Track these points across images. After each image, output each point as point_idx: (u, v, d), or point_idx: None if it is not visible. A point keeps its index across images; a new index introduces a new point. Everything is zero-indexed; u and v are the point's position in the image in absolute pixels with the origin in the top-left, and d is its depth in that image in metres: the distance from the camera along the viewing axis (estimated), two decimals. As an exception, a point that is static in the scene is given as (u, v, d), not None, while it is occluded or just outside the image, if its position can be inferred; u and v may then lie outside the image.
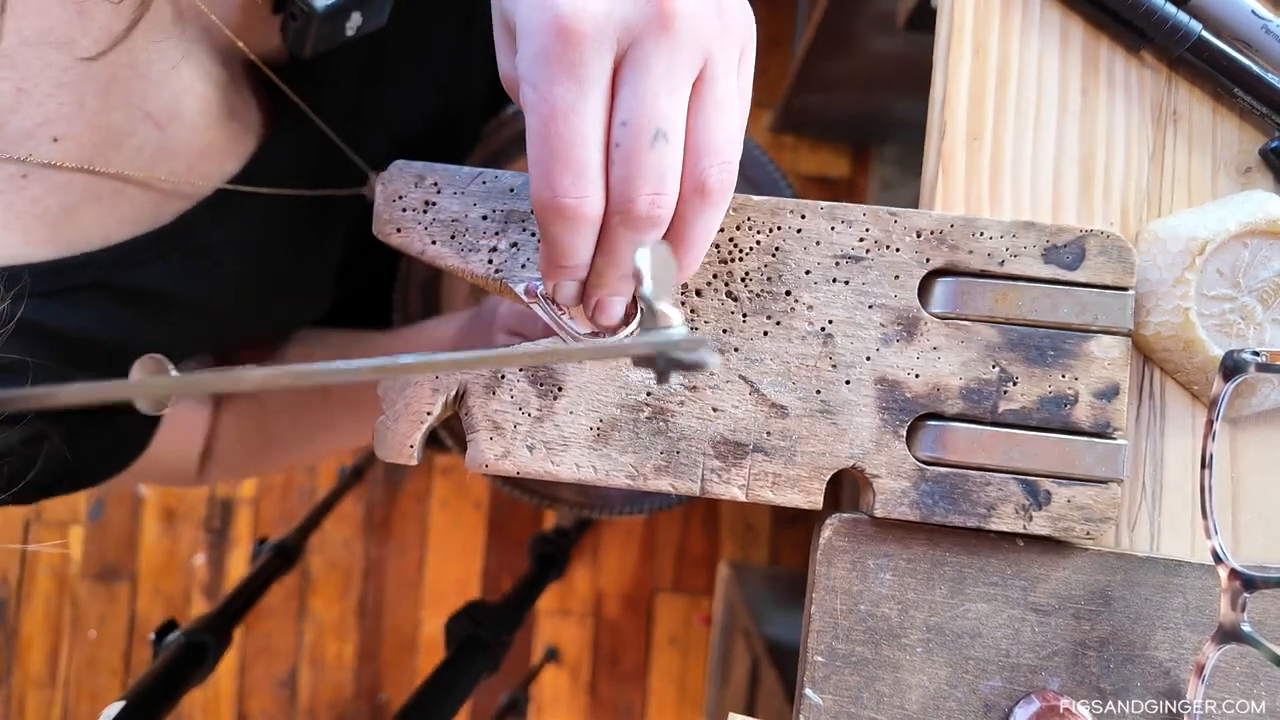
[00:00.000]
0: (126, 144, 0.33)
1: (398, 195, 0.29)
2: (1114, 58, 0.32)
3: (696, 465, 0.28)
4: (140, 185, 0.35)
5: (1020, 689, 0.28)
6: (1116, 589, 0.28)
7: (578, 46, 0.22)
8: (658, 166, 0.23)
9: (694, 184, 0.24)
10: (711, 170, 0.24)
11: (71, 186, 0.32)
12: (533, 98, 0.23)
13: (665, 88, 0.23)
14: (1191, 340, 0.29)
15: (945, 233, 0.29)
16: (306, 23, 0.33)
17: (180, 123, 0.35)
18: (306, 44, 0.34)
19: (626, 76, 0.23)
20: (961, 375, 0.28)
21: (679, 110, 0.23)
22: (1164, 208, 0.31)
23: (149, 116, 0.34)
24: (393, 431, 0.28)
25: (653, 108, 0.23)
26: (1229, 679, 0.28)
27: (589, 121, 0.23)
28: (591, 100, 0.23)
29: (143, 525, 1.28)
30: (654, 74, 0.23)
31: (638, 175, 0.23)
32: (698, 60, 0.24)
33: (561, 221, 0.24)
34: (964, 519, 0.28)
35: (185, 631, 0.58)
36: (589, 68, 0.23)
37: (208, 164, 0.37)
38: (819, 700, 0.28)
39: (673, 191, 0.24)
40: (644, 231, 0.24)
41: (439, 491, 1.27)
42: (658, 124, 0.23)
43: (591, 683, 1.23)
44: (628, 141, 0.23)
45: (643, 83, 0.23)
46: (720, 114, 0.24)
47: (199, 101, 0.36)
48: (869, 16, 0.82)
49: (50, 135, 0.31)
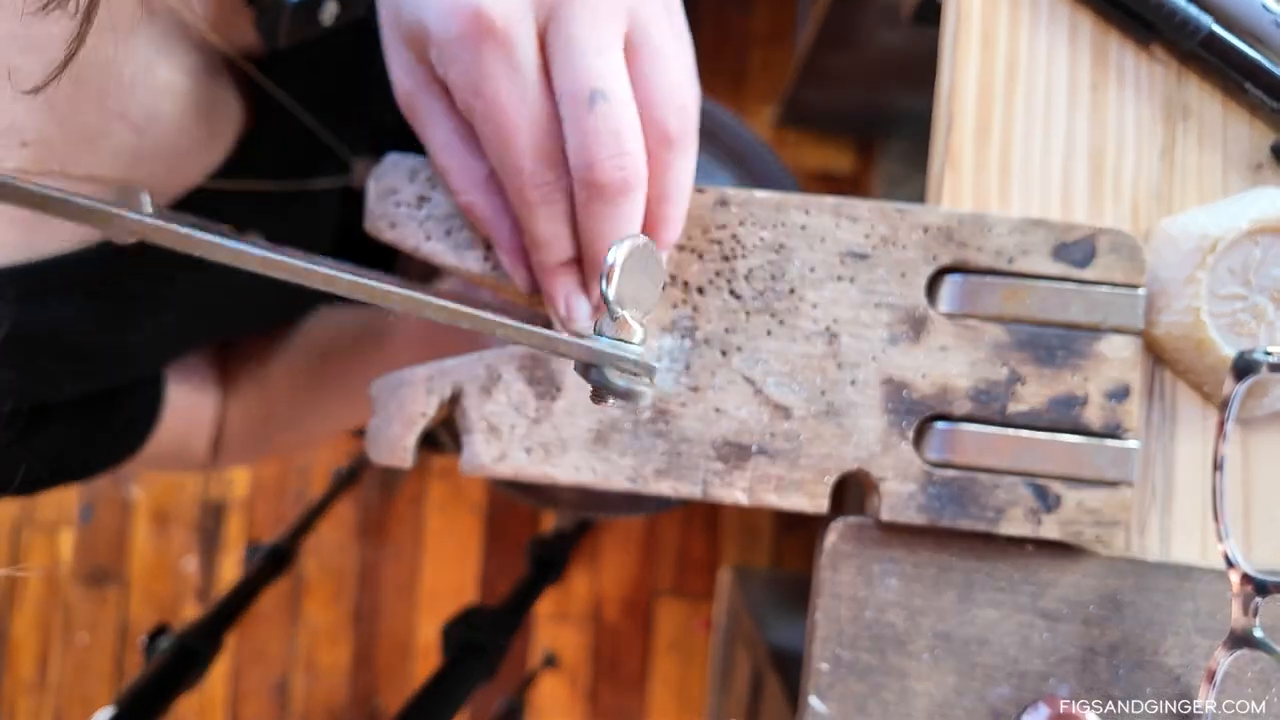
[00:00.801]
0: (102, 145, 0.33)
1: (391, 190, 0.29)
2: (1124, 52, 0.31)
3: (698, 468, 0.28)
4: None
5: (1029, 696, 0.27)
6: (1127, 594, 0.28)
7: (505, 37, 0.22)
8: (607, 127, 0.23)
9: (656, 134, 0.24)
10: (670, 117, 0.24)
11: None
12: (472, 102, 0.23)
13: (592, 48, 0.23)
14: (1202, 340, 0.29)
15: (953, 229, 0.28)
16: (277, 14, 0.33)
17: (157, 122, 0.34)
18: (279, 35, 0.34)
19: (552, 49, 0.23)
20: (970, 375, 0.28)
21: (613, 68, 0.23)
22: (1174, 205, 0.31)
23: (123, 117, 0.33)
24: (386, 434, 0.28)
25: (583, 71, 0.22)
26: (1241, 685, 0.27)
27: (533, 107, 0.23)
28: (529, 86, 0.23)
29: (134, 528, 1.27)
30: (577, 38, 0.22)
31: (590, 141, 0.23)
32: (620, 15, 0.23)
33: (541, 211, 0.24)
34: (972, 523, 0.27)
35: (177, 636, 0.57)
36: (521, 54, 0.22)
37: (188, 161, 0.37)
38: (824, 709, 0.27)
39: (634, 151, 0.23)
40: (615, 201, 0.23)
41: (435, 495, 1.26)
42: (592, 85, 0.22)
43: (590, 689, 1.22)
44: (569, 110, 0.23)
45: (569, 50, 0.23)
46: (660, 60, 0.24)
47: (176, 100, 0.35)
48: (873, 10, 0.82)
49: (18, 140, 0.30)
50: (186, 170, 0.37)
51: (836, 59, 0.93)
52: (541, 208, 0.24)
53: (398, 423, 0.28)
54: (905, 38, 0.84)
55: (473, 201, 0.26)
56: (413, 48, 0.25)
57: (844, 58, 0.93)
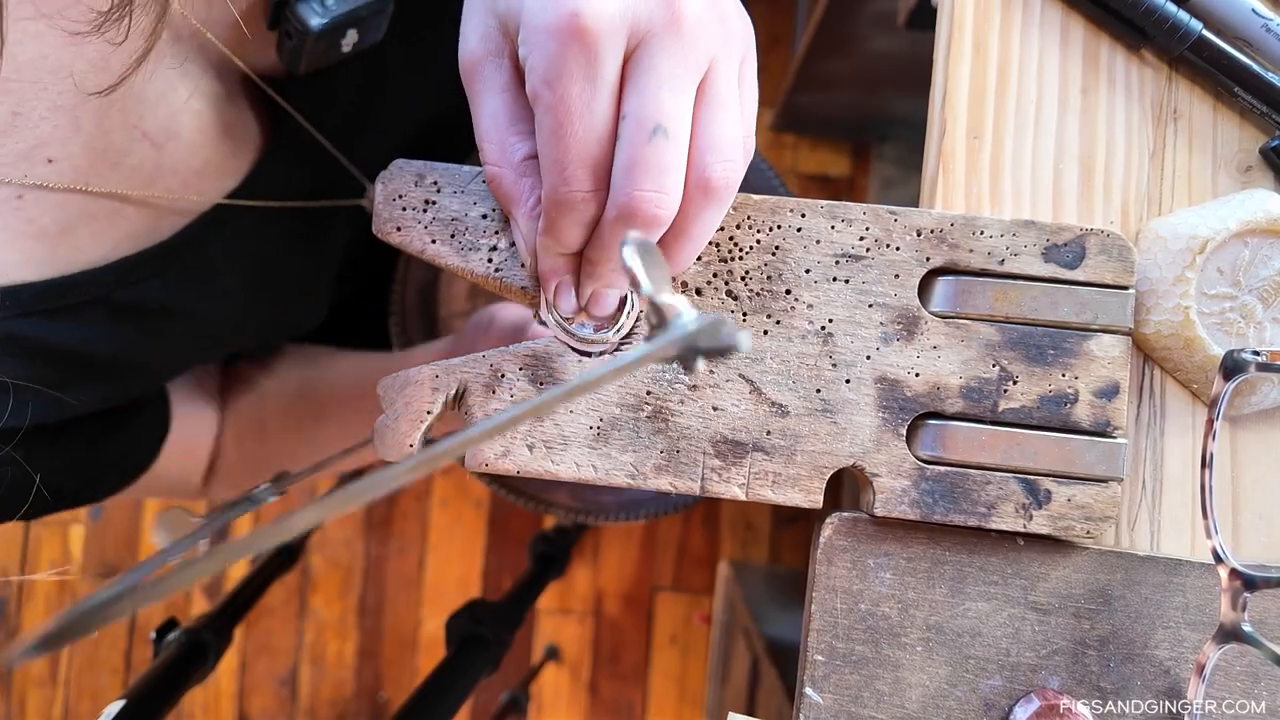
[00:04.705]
0: (123, 163, 0.33)
1: (398, 194, 0.29)
2: (1114, 56, 0.32)
3: (696, 464, 0.28)
4: (138, 203, 0.35)
5: (1020, 688, 0.28)
6: (1116, 588, 0.28)
7: (594, 47, 0.23)
8: (657, 161, 0.23)
9: (698, 180, 0.24)
10: (715, 166, 0.24)
11: (67, 206, 0.32)
12: (542, 91, 0.23)
13: (670, 86, 0.23)
14: (1192, 339, 0.29)
15: (945, 231, 0.29)
16: (301, 42, 0.33)
17: (177, 141, 0.35)
18: (302, 62, 0.34)
19: (633, 74, 0.24)
20: (962, 374, 0.28)
21: (683, 109, 0.24)
22: (1164, 206, 0.31)
23: (145, 136, 0.33)
24: (393, 430, 0.28)
25: (655, 104, 0.23)
26: (1229, 678, 0.28)
27: (596, 119, 0.24)
28: (600, 99, 0.23)
29: (143, 525, 1.28)
30: (660, 72, 0.23)
31: (636, 169, 0.23)
32: (703, 63, 0.24)
33: (572, 214, 0.25)
34: (964, 518, 0.28)
35: (186, 630, 0.58)
36: (604, 67, 0.23)
37: (206, 180, 0.37)
38: (819, 699, 0.28)
39: (673, 191, 0.24)
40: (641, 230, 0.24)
41: (439, 490, 1.27)
42: (659, 120, 0.23)
43: (592, 682, 1.23)
44: (627, 135, 0.23)
45: (649, 80, 0.23)
46: (724, 112, 0.25)
47: (196, 119, 0.35)
48: (869, 15, 0.82)
49: (45, 157, 0.31)
50: (204, 189, 0.37)
51: (832, 64, 0.94)
52: (569, 209, 0.25)
53: (404, 420, 0.28)
54: (900, 43, 0.85)
55: (502, 175, 0.26)
56: (499, 18, 0.25)
57: (840, 63, 0.93)
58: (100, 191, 0.33)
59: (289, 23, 0.33)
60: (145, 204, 0.35)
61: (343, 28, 0.34)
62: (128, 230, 0.35)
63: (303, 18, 0.32)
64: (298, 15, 0.32)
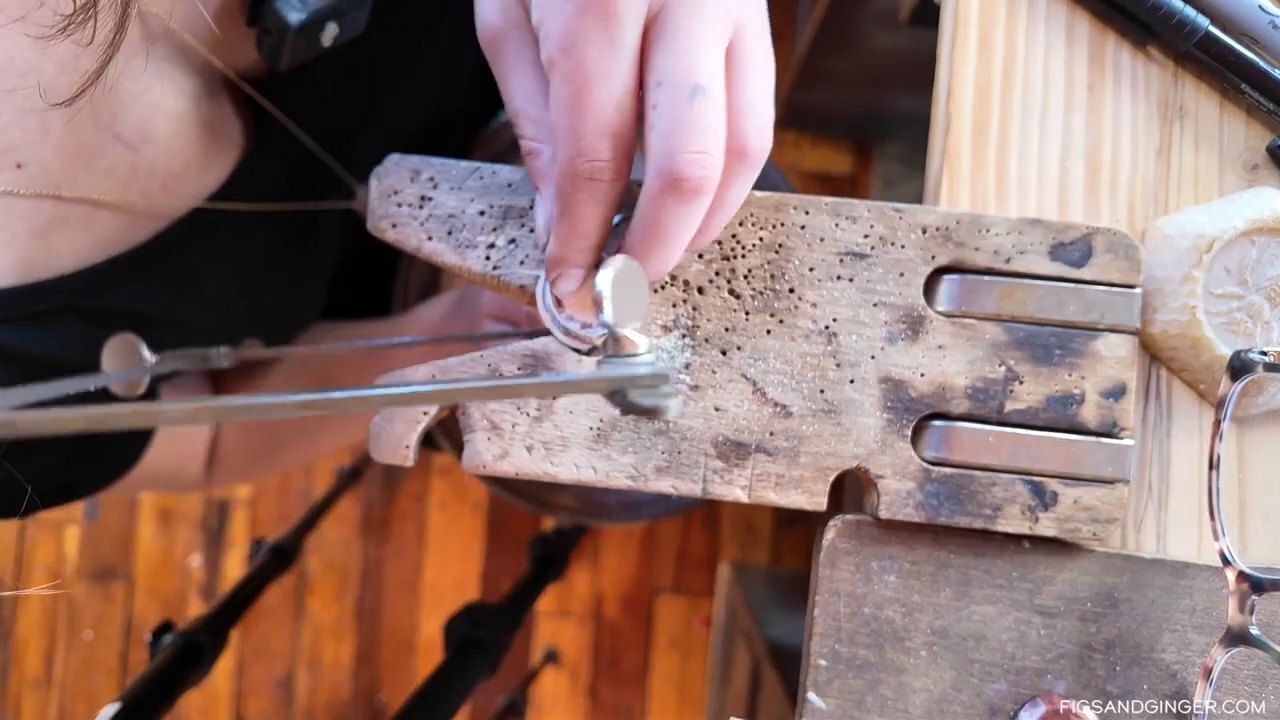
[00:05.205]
0: (96, 166, 0.32)
1: (393, 190, 0.29)
2: (1120, 53, 0.32)
3: (698, 465, 0.28)
4: (112, 207, 0.34)
5: (1026, 692, 0.28)
6: (1123, 591, 0.28)
7: (614, 9, 0.22)
8: (700, 122, 0.22)
9: (736, 145, 0.23)
10: (751, 132, 0.23)
11: (38, 212, 0.32)
12: (557, 58, 0.22)
13: (702, 42, 0.22)
14: (1198, 339, 0.29)
15: (951, 229, 0.28)
16: (281, 37, 0.33)
17: (154, 143, 0.34)
18: (282, 58, 0.34)
19: (659, 38, 0.23)
20: (967, 374, 0.28)
21: (717, 67, 0.23)
22: (1171, 205, 0.31)
23: (119, 138, 0.33)
24: (388, 432, 0.28)
25: (690, 64, 0.22)
26: (1236, 682, 0.27)
27: (616, 86, 0.22)
28: (620, 63, 0.22)
29: (139, 525, 1.28)
30: (689, 32, 0.22)
31: (681, 132, 0.22)
32: (729, 22, 0.23)
33: (592, 190, 0.23)
34: (970, 520, 0.28)
35: (182, 632, 0.57)
36: (625, 30, 0.22)
37: (185, 182, 0.36)
38: (822, 704, 0.28)
39: (719, 153, 0.23)
40: (688, 198, 0.23)
41: (437, 492, 1.26)
42: (695, 80, 0.22)
43: (591, 685, 1.23)
44: (666, 100, 0.22)
45: (678, 42, 0.22)
46: (755, 74, 0.24)
47: (173, 120, 0.35)
48: (871, 12, 0.82)
49: (13, 162, 0.30)
50: (183, 191, 0.37)
51: (835, 61, 0.93)
52: (585, 183, 0.23)
53: (400, 421, 0.28)
54: (903, 40, 0.84)
55: (540, 150, 0.25)
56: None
57: (842, 60, 0.93)
58: (72, 196, 0.32)
59: (268, 19, 0.33)
60: (120, 208, 0.34)
61: (322, 21, 0.33)
62: (102, 235, 0.34)
63: (281, 13, 0.32)
64: (276, 11, 0.32)
